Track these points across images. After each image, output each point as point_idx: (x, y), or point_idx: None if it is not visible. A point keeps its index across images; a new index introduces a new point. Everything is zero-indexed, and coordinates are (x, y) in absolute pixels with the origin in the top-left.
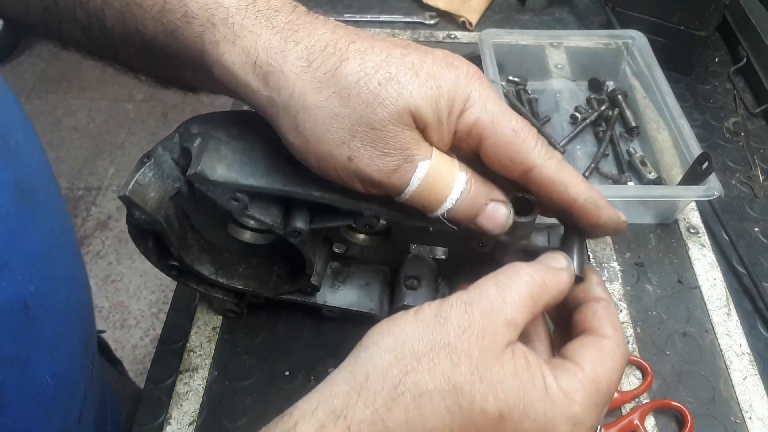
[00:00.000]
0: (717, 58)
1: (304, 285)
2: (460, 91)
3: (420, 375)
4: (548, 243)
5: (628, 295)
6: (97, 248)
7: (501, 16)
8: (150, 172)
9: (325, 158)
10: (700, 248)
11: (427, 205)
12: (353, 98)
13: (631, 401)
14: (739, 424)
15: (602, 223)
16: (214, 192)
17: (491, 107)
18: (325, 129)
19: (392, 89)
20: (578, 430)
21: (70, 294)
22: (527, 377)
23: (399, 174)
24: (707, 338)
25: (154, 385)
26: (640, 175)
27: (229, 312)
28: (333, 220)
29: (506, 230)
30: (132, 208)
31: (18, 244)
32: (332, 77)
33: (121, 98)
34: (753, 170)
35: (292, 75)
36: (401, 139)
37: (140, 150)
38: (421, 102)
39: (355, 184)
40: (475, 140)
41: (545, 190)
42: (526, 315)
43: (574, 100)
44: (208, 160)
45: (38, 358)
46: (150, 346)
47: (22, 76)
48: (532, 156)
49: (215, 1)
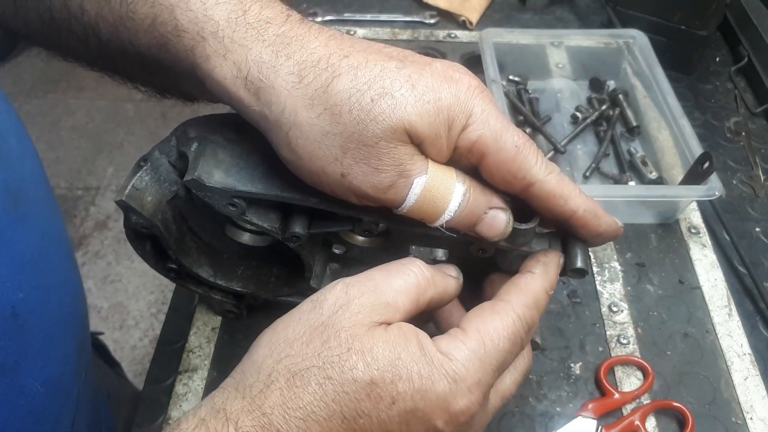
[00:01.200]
0: (718, 58)
1: (303, 287)
2: (462, 106)
3: (292, 358)
4: (549, 248)
5: (629, 295)
6: (96, 248)
7: (501, 15)
8: (147, 176)
9: (317, 174)
10: (701, 248)
11: (425, 218)
12: (344, 115)
13: (632, 402)
14: (740, 425)
15: (602, 231)
16: (211, 198)
17: (494, 123)
18: (316, 146)
19: (385, 104)
20: (460, 386)
21: (61, 300)
22: (400, 342)
23: (394, 190)
24: (708, 339)
25: (153, 386)
26: (641, 174)
27: (228, 313)
28: (332, 225)
29: (506, 237)
30: (129, 212)
31: (7, 250)
32: (324, 93)
33: (120, 98)
34: (754, 170)
35: (283, 91)
36: (394, 155)
37: (139, 150)
38: (416, 117)
39: (350, 198)
40: (477, 157)
41: (546, 204)
42: (408, 303)
43: (574, 100)
44: (205, 165)
45: (28, 365)
46: (149, 346)
47: (21, 75)
48: (534, 172)
49: (204, 15)
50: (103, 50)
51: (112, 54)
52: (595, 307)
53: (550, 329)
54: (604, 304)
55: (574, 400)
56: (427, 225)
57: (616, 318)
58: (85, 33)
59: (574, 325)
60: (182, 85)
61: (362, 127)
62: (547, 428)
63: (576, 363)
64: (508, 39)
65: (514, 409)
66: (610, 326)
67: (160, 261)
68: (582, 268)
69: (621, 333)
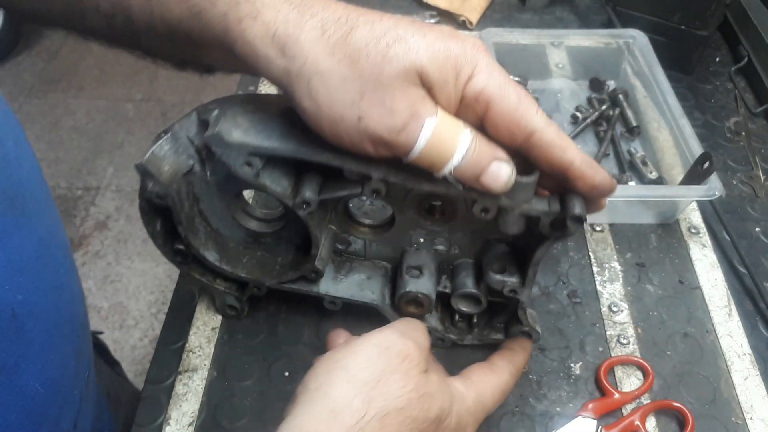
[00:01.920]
0: (718, 58)
1: (307, 269)
2: (468, 58)
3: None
4: (548, 207)
5: (629, 295)
6: (96, 248)
7: (501, 15)
8: (166, 146)
9: (336, 122)
10: (701, 248)
11: (435, 163)
12: (362, 60)
13: (632, 402)
14: (740, 425)
15: (597, 182)
16: (228, 156)
17: (497, 75)
18: (336, 92)
19: (399, 48)
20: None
21: (60, 302)
22: (445, 387)
23: (407, 132)
24: (708, 339)
25: (153, 386)
26: (641, 174)
27: (229, 308)
28: (341, 189)
29: (509, 189)
30: (146, 178)
31: (6, 253)
32: (343, 43)
33: (120, 98)
34: (754, 170)
35: (306, 44)
36: (408, 96)
37: (139, 150)
38: (427, 61)
39: (366, 146)
40: (483, 106)
41: (546, 153)
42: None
43: (574, 100)
44: (225, 125)
45: (27, 366)
46: (149, 346)
47: (21, 75)
48: (536, 121)
49: None
50: (129, 27)
51: (137, 30)
52: (595, 307)
53: (550, 329)
54: (604, 304)
55: (574, 400)
56: (435, 178)
57: (616, 318)
58: (113, 11)
59: (574, 325)
60: (205, 56)
61: (378, 70)
62: (547, 428)
63: (576, 363)
64: (508, 39)
65: (514, 408)
66: (610, 326)
67: (169, 242)
68: (580, 215)
69: (621, 333)
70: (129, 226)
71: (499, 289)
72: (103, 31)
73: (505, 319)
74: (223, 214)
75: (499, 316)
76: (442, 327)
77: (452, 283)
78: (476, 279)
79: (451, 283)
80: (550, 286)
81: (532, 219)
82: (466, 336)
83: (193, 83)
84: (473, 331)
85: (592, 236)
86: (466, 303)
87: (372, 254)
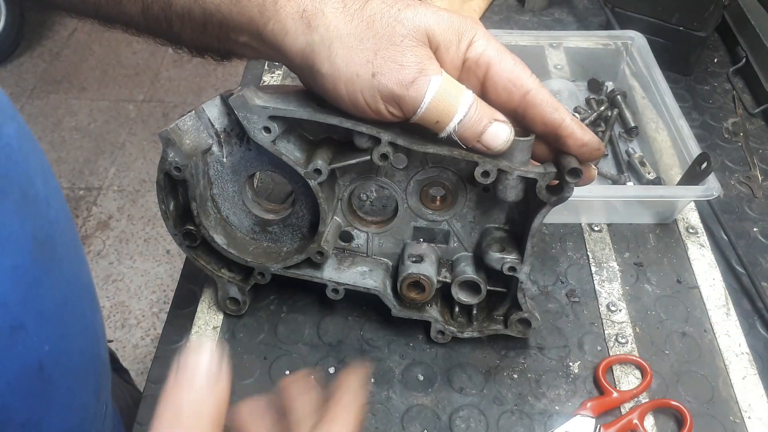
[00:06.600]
0: (716, 59)
1: (313, 250)
2: (469, 26)
3: None
4: (544, 170)
5: (627, 294)
6: (98, 248)
7: (501, 16)
8: (190, 122)
9: (352, 80)
10: (699, 248)
11: (440, 120)
12: (377, 22)
13: (631, 401)
14: (738, 424)
15: (587, 140)
16: (249, 119)
17: (494, 43)
18: (353, 51)
19: (410, 12)
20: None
21: (85, 345)
22: None
23: (415, 87)
24: (706, 338)
25: (154, 385)
26: (639, 175)
27: (230, 302)
28: (351, 157)
29: (507, 149)
30: (168, 146)
31: (35, 302)
32: (360, 11)
33: (121, 98)
34: (752, 170)
35: (330, 14)
36: (416, 53)
37: (141, 150)
38: (434, 24)
39: (378, 104)
40: (483, 69)
41: (539, 111)
42: None
43: (573, 101)
44: (248, 93)
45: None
46: (151, 345)
47: (23, 76)
48: (530, 81)
49: None
50: (165, 12)
51: (172, 16)
52: (594, 307)
53: (548, 328)
54: (603, 303)
55: (573, 399)
56: (439, 138)
57: (615, 317)
58: None
59: (573, 324)
60: (231, 41)
61: (390, 30)
62: (545, 427)
63: (574, 362)
64: (507, 40)
65: (513, 407)
66: (608, 325)
67: (179, 224)
68: (576, 168)
69: (619, 332)
70: (131, 226)
71: (499, 267)
72: (136, 16)
73: (504, 311)
74: (234, 201)
75: (498, 309)
76: (442, 319)
77: (452, 273)
78: (476, 268)
79: (451, 274)
80: (549, 285)
81: (530, 184)
82: (466, 329)
83: (194, 84)
84: (473, 324)
85: (591, 236)
86: (465, 293)
87: (374, 250)
